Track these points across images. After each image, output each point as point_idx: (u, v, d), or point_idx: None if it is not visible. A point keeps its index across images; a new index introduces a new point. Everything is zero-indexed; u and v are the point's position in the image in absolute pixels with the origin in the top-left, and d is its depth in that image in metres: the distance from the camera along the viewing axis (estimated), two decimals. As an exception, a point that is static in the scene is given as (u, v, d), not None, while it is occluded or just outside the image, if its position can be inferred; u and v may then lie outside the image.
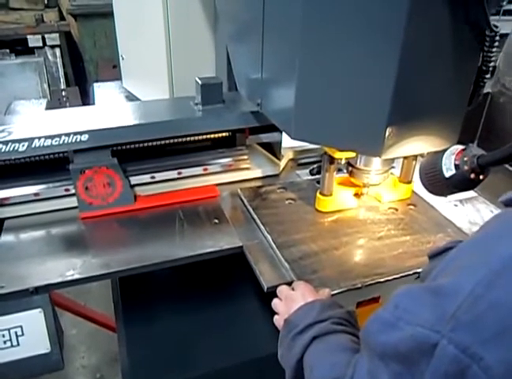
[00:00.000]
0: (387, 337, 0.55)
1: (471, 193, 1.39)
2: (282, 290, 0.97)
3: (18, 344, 1.06)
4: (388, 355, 0.55)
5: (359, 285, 1.03)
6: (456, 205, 1.37)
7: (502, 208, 0.61)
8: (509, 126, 1.59)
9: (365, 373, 0.60)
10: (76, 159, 1.24)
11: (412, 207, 1.32)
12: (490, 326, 0.47)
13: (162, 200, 1.35)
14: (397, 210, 1.30)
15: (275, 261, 1.12)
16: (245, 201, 1.34)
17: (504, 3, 0.92)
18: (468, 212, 1.34)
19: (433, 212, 1.30)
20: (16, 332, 1.05)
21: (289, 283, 1.00)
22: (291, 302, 0.91)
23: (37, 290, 1.04)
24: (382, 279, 1.05)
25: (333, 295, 0.98)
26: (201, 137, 1.42)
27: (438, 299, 0.52)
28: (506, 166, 1.48)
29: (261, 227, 1.22)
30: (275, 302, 0.96)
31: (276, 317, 0.94)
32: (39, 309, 1.05)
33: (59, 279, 1.05)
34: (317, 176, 1.46)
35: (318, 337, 0.78)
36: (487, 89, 1.29)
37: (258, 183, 1.45)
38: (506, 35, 1.53)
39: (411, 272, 1.07)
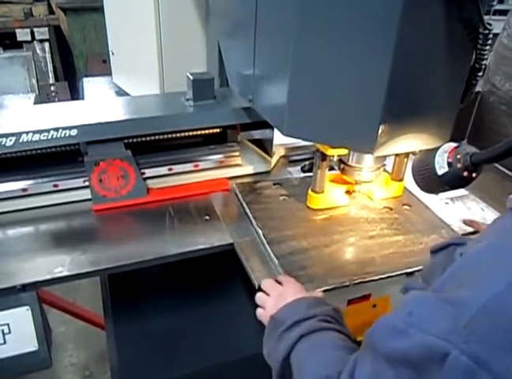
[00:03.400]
0: (398, 343, 0.55)
1: (462, 191, 1.39)
2: (267, 284, 0.96)
3: (5, 342, 1.05)
4: (397, 360, 0.55)
5: (347, 283, 1.03)
6: (447, 203, 1.37)
7: (495, 207, 0.60)
8: (498, 125, 1.60)
9: (369, 375, 0.59)
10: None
11: (407, 207, 1.31)
12: (504, 338, 0.47)
13: (172, 193, 1.35)
14: (391, 209, 1.30)
15: (266, 257, 1.12)
16: (239, 196, 1.33)
17: (494, 3, 0.92)
18: (459, 210, 1.34)
19: (428, 212, 1.29)
20: (2, 330, 1.04)
21: (277, 279, 0.99)
22: (279, 296, 0.90)
23: (24, 287, 1.02)
24: (370, 278, 1.05)
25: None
26: (192, 133, 1.41)
27: (453, 309, 0.51)
28: (496, 165, 1.49)
29: (253, 221, 1.22)
30: (260, 296, 0.94)
31: (260, 310, 0.92)
32: (27, 307, 1.04)
33: (47, 276, 1.04)
34: (308, 174, 1.46)
35: (306, 335, 0.77)
36: (477, 88, 1.29)
37: (249, 180, 1.44)
38: (497, 34, 1.54)
39: (399, 273, 1.07)
